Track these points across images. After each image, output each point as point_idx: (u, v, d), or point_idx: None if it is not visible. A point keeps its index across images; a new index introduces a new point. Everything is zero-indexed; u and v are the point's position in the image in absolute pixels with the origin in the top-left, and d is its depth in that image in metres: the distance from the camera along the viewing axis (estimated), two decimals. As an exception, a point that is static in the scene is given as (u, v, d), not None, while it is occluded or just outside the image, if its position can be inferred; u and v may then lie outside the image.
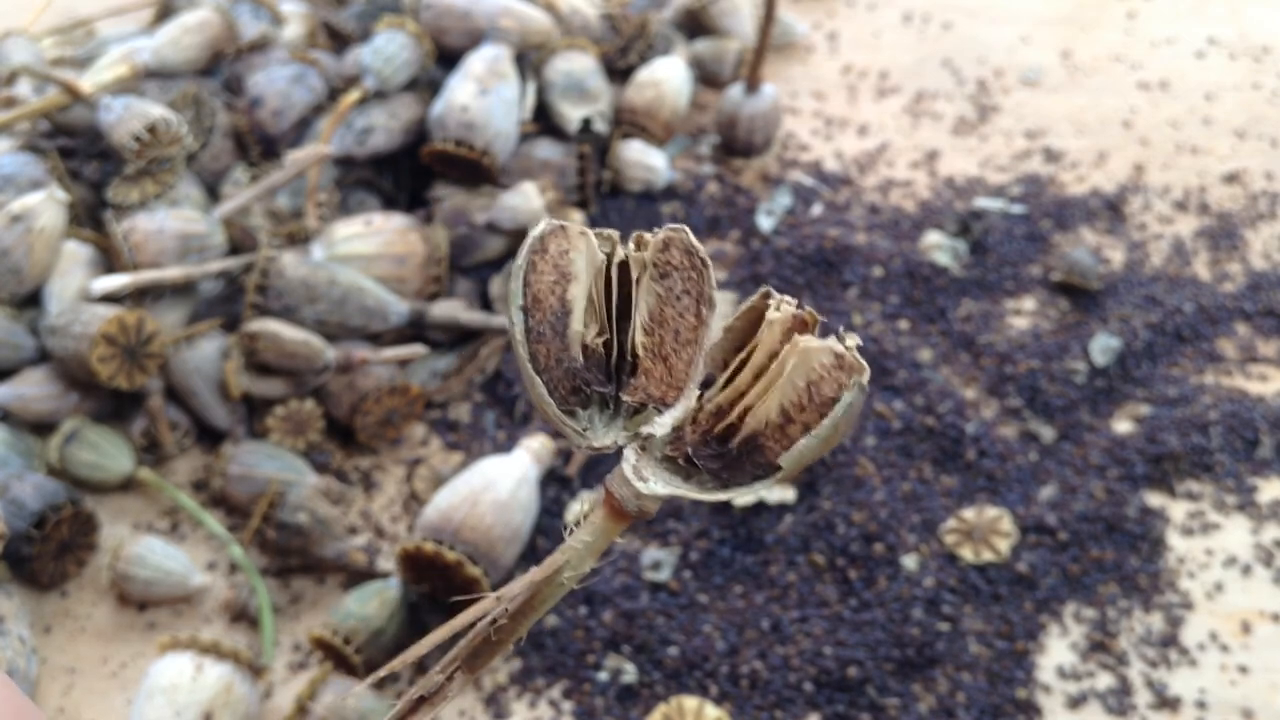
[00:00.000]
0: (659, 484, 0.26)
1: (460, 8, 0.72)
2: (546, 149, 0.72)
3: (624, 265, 0.27)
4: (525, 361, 0.26)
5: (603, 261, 0.26)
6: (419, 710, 0.27)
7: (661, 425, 0.26)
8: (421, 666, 0.54)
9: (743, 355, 0.27)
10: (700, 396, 0.27)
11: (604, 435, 0.27)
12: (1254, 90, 0.81)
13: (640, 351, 0.27)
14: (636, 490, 0.26)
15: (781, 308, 0.26)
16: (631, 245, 0.27)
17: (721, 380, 0.27)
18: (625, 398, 0.27)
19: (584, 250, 0.26)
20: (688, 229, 0.26)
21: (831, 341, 0.25)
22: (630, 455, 0.26)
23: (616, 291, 0.27)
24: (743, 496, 0.27)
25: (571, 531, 0.27)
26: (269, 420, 0.61)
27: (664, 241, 0.26)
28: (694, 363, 0.27)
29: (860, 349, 0.25)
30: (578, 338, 0.26)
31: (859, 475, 0.59)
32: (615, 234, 0.27)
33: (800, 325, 0.26)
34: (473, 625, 0.27)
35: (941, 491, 0.59)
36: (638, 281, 0.27)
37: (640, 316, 0.27)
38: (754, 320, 0.27)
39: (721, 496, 0.26)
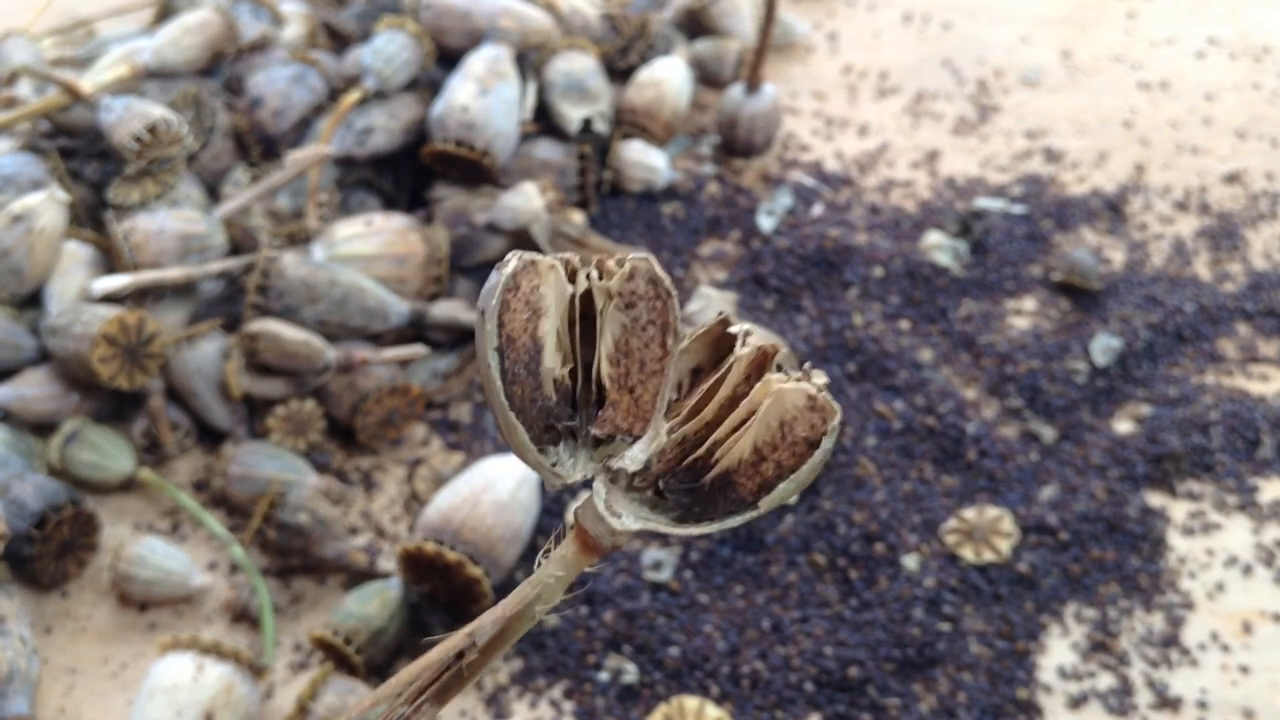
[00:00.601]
0: (631, 519, 0.26)
1: (460, 8, 0.72)
2: (547, 149, 0.72)
3: (588, 295, 0.26)
4: (504, 407, 0.25)
5: (570, 293, 0.26)
6: None
7: (633, 460, 0.26)
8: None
9: (707, 385, 0.27)
10: (668, 429, 0.27)
11: (575, 470, 0.27)
12: (1254, 90, 0.81)
13: (606, 383, 0.27)
14: (610, 527, 0.26)
15: (747, 341, 0.27)
16: (595, 273, 0.26)
17: (686, 410, 0.27)
18: (594, 430, 0.27)
19: (553, 283, 0.26)
20: (652, 258, 0.26)
21: (804, 384, 0.25)
22: (601, 489, 0.26)
23: (580, 323, 0.27)
24: (713, 530, 0.27)
25: (540, 563, 0.27)
26: (270, 420, 0.61)
27: (630, 271, 0.26)
28: (660, 393, 0.27)
29: (829, 387, 0.25)
30: (549, 375, 0.26)
31: (860, 475, 0.59)
32: (576, 259, 0.26)
33: (764, 357, 0.26)
34: (444, 661, 0.27)
35: (942, 491, 0.59)
36: (602, 312, 0.26)
37: (605, 347, 0.27)
38: (710, 343, 0.27)
39: (694, 531, 0.26)
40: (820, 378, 0.26)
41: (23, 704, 0.51)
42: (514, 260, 0.25)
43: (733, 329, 0.27)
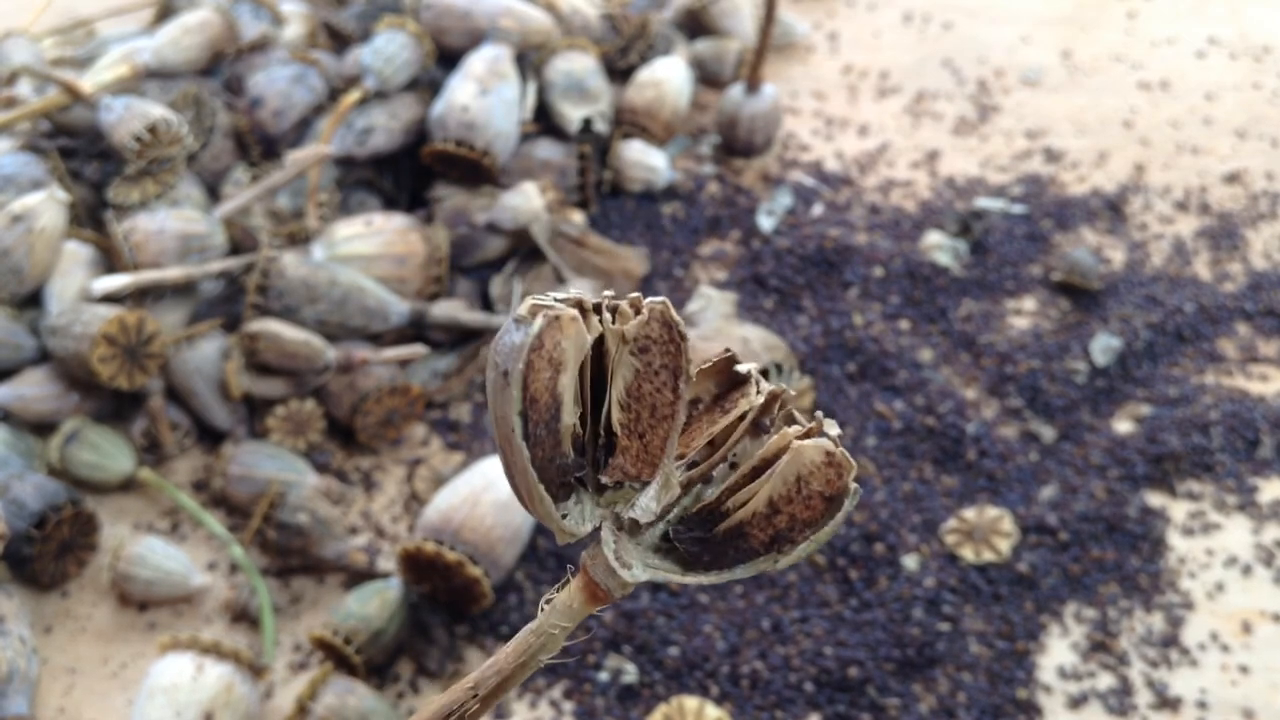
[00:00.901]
0: (640, 569, 0.26)
1: (460, 8, 0.72)
2: (547, 149, 0.72)
3: (600, 341, 0.25)
4: (531, 475, 0.24)
5: (588, 343, 0.25)
6: None
7: (645, 510, 0.26)
8: (424, 670, 0.54)
9: (719, 429, 0.26)
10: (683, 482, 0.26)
11: (584, 520, 0.26)
12: (1254, 90, 0.81)
13: (617, 429, 0.26)
14: (621, 580, 0.26)
15: (761, 385, 0.26)
16: (608, 315, 0.25)
17: (695, 452, 0.26)
18: (604, 479, 0.26)
19: (573, 336, 0.25)
20: (668, 301, 0.25)
21: (822, 440, 0.25)
22: (610, 539, 0.26)
23: (592, 367, 0.26)
24: (722, 580, 0.26)
25: (543, 609, 0.26)
26: (269, 420, 0.61)
27: (647, 315, 0.25)
28: (670, 439, 0.26)
29: (821, 416, 0.26)
30: (568, 431, 0.25)
31: (859, 475, 0.59)
32: (589, 302, 0.25)
33: (773, 401, 0.26)
34: (446, 710, 0.27)
35: (942, 491, 0.59)
36: (615, 356, 0.26)
37: (617, 393, 0.26)
38: (713, 377, 0.27)
39: (704, 579, 0.26)
40: (833, 429, 0.25)
41: (22, 704, 0.51)
42: (539, 320, 0.24)
43: (740, 367, 0.27)
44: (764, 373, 0.59)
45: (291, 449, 0.61)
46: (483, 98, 0.68)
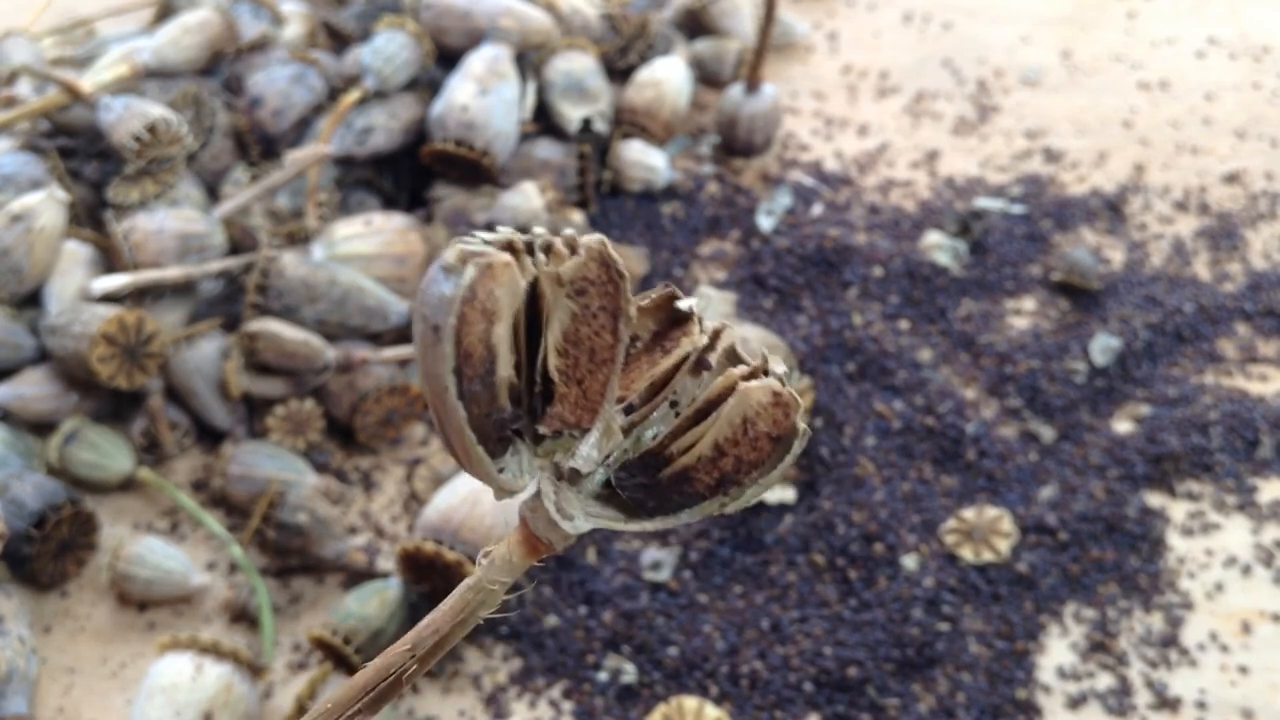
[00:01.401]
0: (582, 519, 0.25)
1: (460, 8, 0.72)
2: (546, 149, 0.72)
3: (535, 284, 0.24)
4: (467, 435, 0.23)
5: (525, 288, 0.23)
6: None
7: (585, 459, 0.25)
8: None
9: (661, 371, 0.25)
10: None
11: (523, 474, 0.25)
12: (1254, 90, 0.81)
13: (555, 376, 0.24)
14: (563, 531, 0.25)
15: (703, 322, 0.25)
16: (541, 255, 0.24)
17: (638, 398, 0.25)
18: (542, 429, 0.24)
19: (507, 283, 0.23)
20: (605, 239, 0.24)
21: (769, 380, 0.24)
22: (550, 491, 0.25)
23: (526, 310, 0.24)
24: (667, 525, 0.25)
25: (481, 564, 0.25)
26: (269, 420, 0.61)
27: (585, 255, 0.24)
28: (610, 383, 0.25)
29: (767, 353, 0.24)
30: (504, 384, 0.24)
31: (859, 475, 0.59)
32: (521, 241, 0.23)
33: (715, 340, 0.25)
34: (385, 671, 0.26)
35: (941, 491, 0.59)
36: (550, 300, 0.24)
37: (553, 338, 0.24)
38: (657, 310, 0.26)
39: (649, 526, 0.25)
40: (779, 367, 0.24)
41: (21, 704, 0.51)
42: (470, 268, 0.22)
43: (681, 303, 0.25)
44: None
45: (291, 449, 0.61)
46: (482, 97, 0.68)
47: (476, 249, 0.22)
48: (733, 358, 0.25)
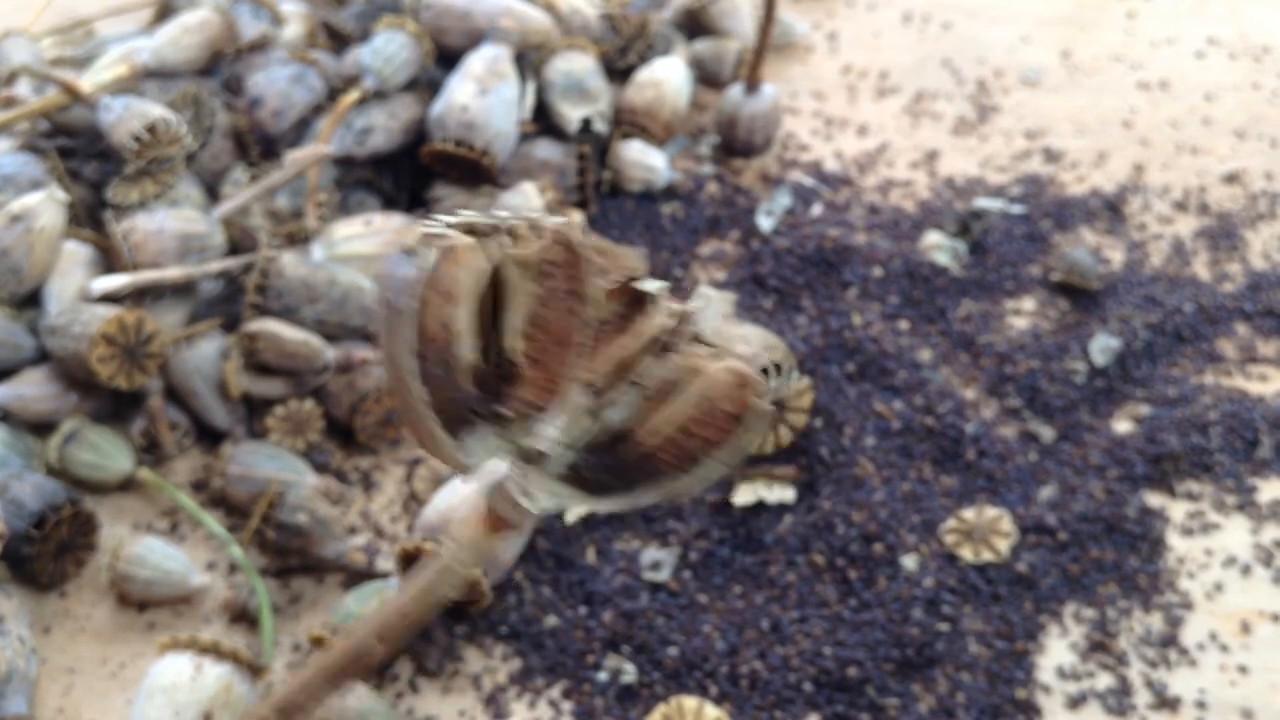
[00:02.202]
0: (546, 499, 0.25)
1: (460, 8, 0.72)
2: (546, 149, 0.72)
3: (499, 269, 0.24)
4: (428, 417, 0.23)
5: (487, 271, 0.24)
6: None
7: (547, 440, 0.25)
8: (423, 669, 0.54)
9: (624, 354, 0.25)
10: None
11: (487, 456, 0.25)
12: (1254, 90, 0.81)
13: (518, 359, 0.25)
14: (526, 511, 0.25)
15: (663, 304, 0.25)
16: (507, 239, 0.24)
17: (601, 378, 0.25)
18: (504, 411, 0.25)
19: (469, 265, 0.23)
20: (570, 221, 0.24)
21: (731, 361, 0.24)
22: (514, 471, 0.25)
23: (490, 293, 0.24)
24: (629, 503, 0.25)
25: (444, 545, 0.26)
26: (269, 420, 0.61)
27: (548, 238, 0.24)
28: (573, 365, 0.25)
29: (729, 335, 0.24)
30: (466, 366, 0.24)
31: (859, 475, 0.59)
32: (486, 225, 0.24)
33: (683, 324, 0.25)
34: (352, 652, 0.26)
35: (941, 491, 0.59)
36: (513, 283, 0.24)
37: (516, 320, 0.25)
38: (622, 292, 0.26)
39: (612, 505, 0.25)
40: (743, 348, 0.25)
41: (21, 704, 0.51)
42: (432, 251, 0.23)
43: (644, 285, 0.26)
44: (763, 373, 0.59)
45: (291, 449, 0.61)
46: (482, 98, 0.68)
47: (439, 232, 0.23)
48: (696, 340, 0.25)
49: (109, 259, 0.64)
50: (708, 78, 0.83)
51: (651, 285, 0.26)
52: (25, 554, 0.55)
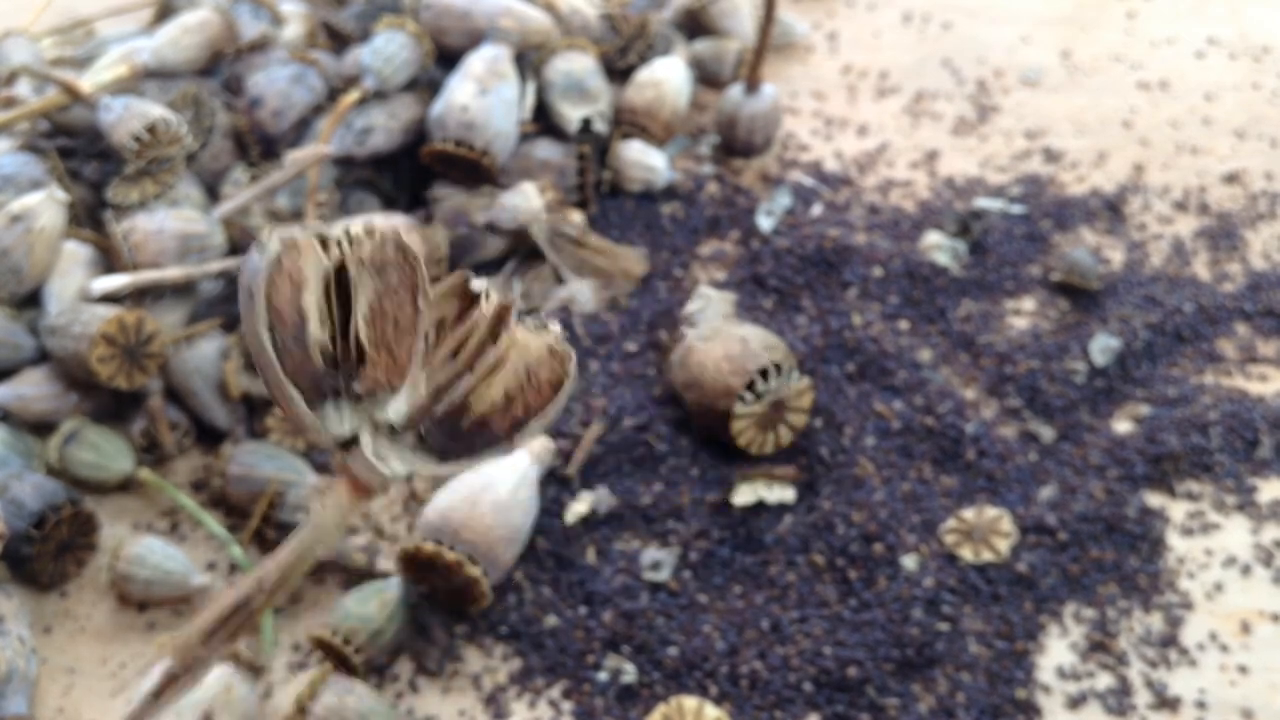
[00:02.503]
0: (398, 464, 0.30)
1: (460, 8, 0.72)
2: (546, 149, 0.72)
3: (343, 265, 0.29)
4: (281, 380, 0.28)
5: (327, 265, 0.29)
6: (178, 681, 0.30)
7: (396, 412, 0.30)
8: (424, 669, 0.54)
9: (456, 337, 0.30)
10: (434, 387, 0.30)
11: (344, 425, 0.30)
12: (1254, 90, 0.81)
13: (365, 343, 0.29)
14: (381, 475, 0.29)
15: (490, 297, 0.30)
16: (346, 242, 0.29)
17: (439, 361, 0.30)
18: (357, 387, 0.29)
19: (311, 258, 0.28)
20: (398, 226, 0.31)
21: (545, 335, 0.30)
22: (368, 440, 0.30)
23: (337, 290, 0.29)
24: (471, 468, 0.32)
25: (312, 512, 0.30)
26: (269, 420, 0.61)
27: (379, 240, 0.29)
28: (415, 349, 0.30)
29: (543, 318, 0.31)
30: (316, 344, 0.29)
31: (859, 475, 0.59)
32: (328, 231, 0.29)
33: (505, 312, 0.30)
34: (235, 604, 0.30)
35: (941, 491, 0.59)
36: (355, 278, 0.29)
37: (361, 310, 0.29)
38: (453, 298, 0.31)
39: (457, 468, 0.30)
40: (555, 327, 0.30)
41: (21, 704, 0.51)
42: (275, 243, 0.28)
43: (474, 284, 0.31)
44: (763, 373, 0.59)
45: (291, 449, 0.61)
46: (482, 98, 0.68)
47: (285, 231, 0.28)
48: (519, 324, 0.31)
49: (109, 259, 0.64)
50: (708, 78, 0.83)
51: (480, 284, 0.31)
52: (25, 554, 0.55)
